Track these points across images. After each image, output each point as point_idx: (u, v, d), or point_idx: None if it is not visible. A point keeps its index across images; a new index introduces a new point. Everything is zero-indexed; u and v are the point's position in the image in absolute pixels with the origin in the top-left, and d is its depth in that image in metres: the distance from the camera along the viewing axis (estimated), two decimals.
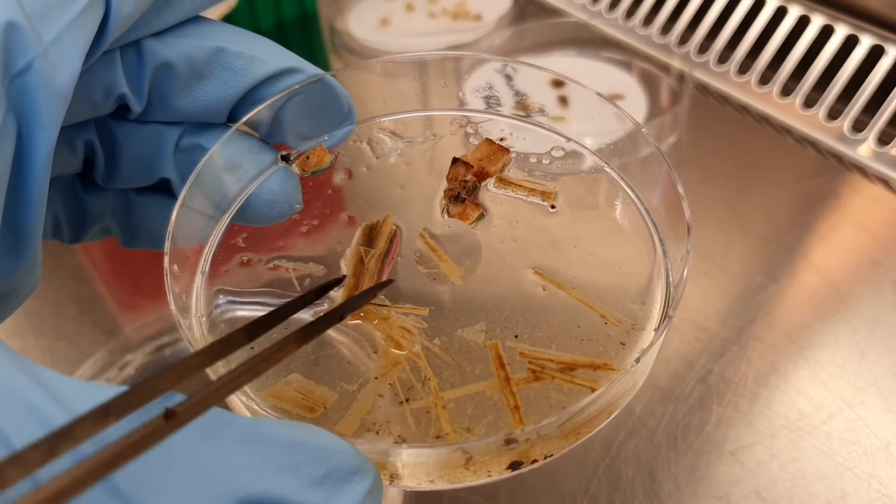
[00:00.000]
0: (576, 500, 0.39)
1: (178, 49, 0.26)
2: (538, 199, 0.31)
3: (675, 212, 0.27)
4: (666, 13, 0.72)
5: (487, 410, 0.24)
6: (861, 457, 0.39)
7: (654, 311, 0.27)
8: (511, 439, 0.21)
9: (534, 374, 0.25)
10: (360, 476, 0.19)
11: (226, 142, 0.28)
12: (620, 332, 0.26)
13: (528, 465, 0.23)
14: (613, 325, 0.27)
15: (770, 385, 0.43)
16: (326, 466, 0.18)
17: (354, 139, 0.32)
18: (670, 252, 0.28)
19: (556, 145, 0.33)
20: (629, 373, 0.23)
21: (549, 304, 0.28)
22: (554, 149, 0.33)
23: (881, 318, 0.46)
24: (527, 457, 0.23)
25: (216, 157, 0.27)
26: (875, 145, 0.58)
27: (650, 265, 0.29)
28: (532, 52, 0.71)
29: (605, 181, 0.32)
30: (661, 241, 0.29)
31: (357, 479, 0.18)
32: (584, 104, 0.32)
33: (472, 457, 0.21)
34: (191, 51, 0.26)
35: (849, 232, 0.53)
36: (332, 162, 0.31)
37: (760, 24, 0.66)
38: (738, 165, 0.59)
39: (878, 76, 0.59)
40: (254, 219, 0.30)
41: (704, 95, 0.67)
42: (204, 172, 0.27)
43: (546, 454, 0.23)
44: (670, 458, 0.40)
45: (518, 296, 0.28)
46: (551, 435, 0.22)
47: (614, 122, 0.31)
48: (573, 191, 0.31)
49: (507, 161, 0.31)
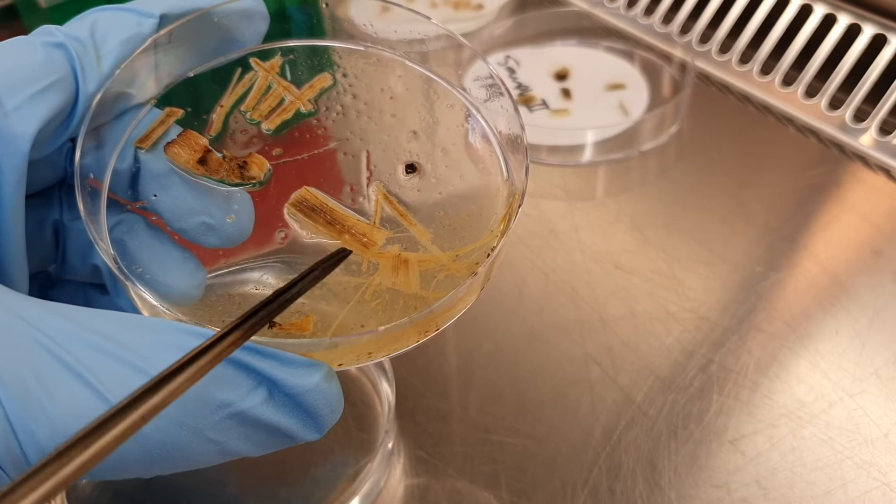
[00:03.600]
0: (576, 489, 0.39)
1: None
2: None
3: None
4: (668, 2, 0.71)
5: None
6: (861, 445, 0.40)
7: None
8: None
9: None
10: (316, 367, 0.24)
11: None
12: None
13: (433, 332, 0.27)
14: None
15: (770, 374, 0.43)
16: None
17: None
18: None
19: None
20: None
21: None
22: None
23: (882, 308, 0.46)
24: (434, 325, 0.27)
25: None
26: (877, 135, 0.58)
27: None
28: (533, 41, 0.71)
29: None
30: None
31: (314, 368, 0.24)
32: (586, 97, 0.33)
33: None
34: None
35: (850, 222, 0.53)
36: (267, 176, 0.30)
37: (762, 13, 0.66)
38: (740, 155, 0.59)
39: (881, 66, 0.59)
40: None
41: (706, 85, 0.67)
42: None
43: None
44: (670, 447, 0.40)
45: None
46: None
47: (617, 115, 0.31)
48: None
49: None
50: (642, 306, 0.48)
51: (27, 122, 0.25)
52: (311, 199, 0.30)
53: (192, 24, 0.28)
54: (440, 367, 0.45)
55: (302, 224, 0.29)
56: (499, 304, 0.49)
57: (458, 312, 0.28)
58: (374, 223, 0.30)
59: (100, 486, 0.39)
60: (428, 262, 0.29)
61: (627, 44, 0.70)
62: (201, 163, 0.28)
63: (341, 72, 0.33)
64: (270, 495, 0.39)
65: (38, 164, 0.27)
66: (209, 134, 0.30)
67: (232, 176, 0.29)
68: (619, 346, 0.45)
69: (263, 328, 0.23)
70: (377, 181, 0.31)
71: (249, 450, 0.24)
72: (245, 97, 0.31)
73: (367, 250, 0.29)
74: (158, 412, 0.19)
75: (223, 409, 0.22)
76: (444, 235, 0.30)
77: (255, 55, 0.31)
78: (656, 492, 0.38)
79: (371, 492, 0.39)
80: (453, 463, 0.40)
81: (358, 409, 0.42)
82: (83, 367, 0.21)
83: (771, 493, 0.38)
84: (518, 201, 0.29)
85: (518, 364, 0.45)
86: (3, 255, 0.25)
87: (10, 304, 0.22)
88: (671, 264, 0.50)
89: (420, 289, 0.28)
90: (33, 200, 0.28)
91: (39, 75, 0.25)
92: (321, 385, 0.24)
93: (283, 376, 0.23)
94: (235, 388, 0.22)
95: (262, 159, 0.30)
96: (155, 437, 0.22)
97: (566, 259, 0.51)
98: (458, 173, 0.32)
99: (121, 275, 0.25)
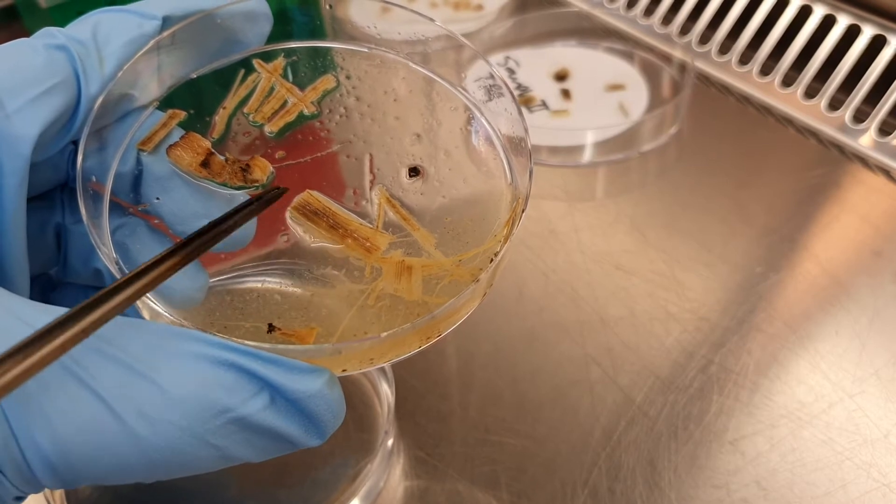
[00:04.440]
0: (576, 489, 0.39)
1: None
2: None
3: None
4: (668, 3, 0.71)
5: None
6: (861, 446, 0.40)
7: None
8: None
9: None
10: (318, 373, 0.24)
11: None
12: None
13: (434, 337, 0.27)
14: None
15: (770, 375, 0.43)
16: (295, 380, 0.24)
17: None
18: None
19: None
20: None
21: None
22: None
23: (882, 309, 0.46)
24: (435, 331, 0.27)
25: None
26: (876, 135, 0.58)
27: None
28: (533, 42, 0.71)
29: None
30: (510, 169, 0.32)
31: (317, 374, 0.24)
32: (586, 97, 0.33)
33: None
34: None
35: (850, 222, 0.53)
36: (270, 177, 0.30)
37: (762, 14, 0.66)
38: (740, 156, 0.59)
39: (880, 66, 0.59)
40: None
41: (706, 86, 0.67)
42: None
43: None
44: (670, 447, 0.40)
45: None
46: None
47: (616, 116, 0.31)
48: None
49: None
50: (642, 307, 0.48)
51: (29, 125, 0.25)
52: (314, 202, 0.30)
53: (195, 26, 0.28)
54: (440, 368, 0.45)
55: (304, 228, 0.29)
56: (499, 305, 0.49)
57: (461, 318, 0.27)
58: (377, 227, 0.30)
59: (100, 488, 0.39)
60: (431, 268, 0.29)
61: (627, 44, 0.70)
62: (204, 165, 0.28)
63: (344, 74, 0.33)
64: (270, 497, 0.39)
65: (40, 167, 0.27)
66: (212, 136, 0.30)
67: (235, 179, 0.29)
68: (619, 347, 0.45)
69: (262, 332, 0.23)
70: (380, 185, 0.31)
71: (251, 455, 0.24)
72: (248, 99, 0.31)
73: (371, 255, 0.29)
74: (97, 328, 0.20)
75: (224, 414, 0.22)
76: (447, 240, 0.30)
77: (258, 57, 0.31)
78: (656, 492, 0.39)
79: (371, 493, 0.39)
80: (453, 464, 0.40)
81: (358, 411, 0.42)
82: (84, 371, 0.21)
83: (771, 494, 0.38)
84: (521, 206, 0.29)
85: (518, 365, 0.45)
86: (4, 257, 0.25)
87: (10, 307, 0.22)
88: (671, 265, 0.50)
89: (422, 295, 0.28)
90: (35, 203, 0.28)
91: (41, 77, 0.25)
92: (323, 391, 0.24)
93: (285, 382, 0.23)
94: (237, 393, 0.22)
95: (264, 162, 0.30)
96: (155, 442, 0.22)
97: (566, 260, 0.51)
98: (461, 177, 0.32)
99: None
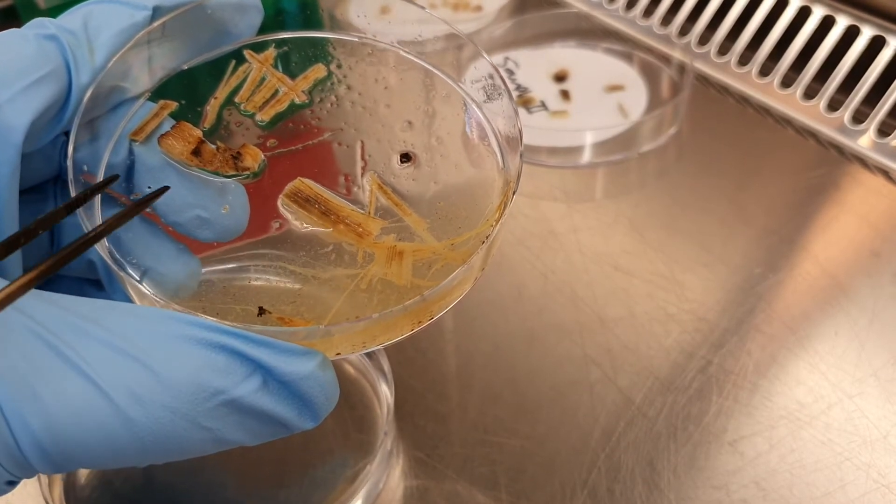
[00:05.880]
0: (575, 490, 0.39)
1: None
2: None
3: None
4: (667, 4, 0.71)
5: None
6: (860, 447, 0.40)
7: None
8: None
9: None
10: (311, 355, 0.24)
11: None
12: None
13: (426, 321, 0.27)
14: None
15: (769, 376, 0.43)
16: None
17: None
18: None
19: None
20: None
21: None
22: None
23: (881, 309, 0.46)
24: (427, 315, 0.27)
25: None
26: (875, 136, 0.58)
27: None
28: (532, 42, 0.71)
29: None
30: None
31: (309, 356, 0.24)
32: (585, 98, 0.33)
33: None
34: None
35: (849, 223, 0.53)
36: (261, 167, 0.31)
37: (761, 14, 0.66)
38: (739, 156, 0.59)
39: (879, 67, 0.59)
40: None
41: (705, 86, 0.67)
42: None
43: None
44: (670, 448, 0.40)
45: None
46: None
47: (616, 117, 0.31)
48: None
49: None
50: (641, 307, 0.48)
51: (20, 114, 0.25)
52: (306, 189, 0.30)
53: (186, 17, 0.29)
54: (439, 369, 0.45)
55: (297, 215, 0.30)
56: (498, 306, 0.49)
57: (453, 301, 0.28)
58: (370, 213, 0.30)
59: (99, 487, 0.39)
60: (423, 252, 0.29)
61: (626, 45, 0.70)
62: (195, 154, 0.29)
63: (335, 63, 0.33)
64: (270, 497, 0.39)
65: (33, 159, 0.27)
66: (203, 126, 0.30)
67: (226, 167, 0.29)
68: (619, 348, 0.45)
69: (254, 315, 0.23)
70: (372, 171, 0.31)
71: (244, 438, 0.24)
72: (239, 89, 0.31)
73: (363, 240, 0.29)
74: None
75: (217, 396, 0.22)
76: (439, 224, 0.30)
77: (248, 47, 0.31)
78: (655, 493, 0.38)
79: (370, 493, 0.39)
80: (452, 464, 0.40)
81: (357, 411, 0.42)
82: (77, 356, 0.21)
83: (770, 495, 0.38)
84: (513, 188, 0.29)
85: (517, 365, 0.45)
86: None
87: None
88: (670, 266, 0.50)
89: (414, 279, 0.28)
90: (28, 195, 0.29)
91: (32, 67, 0.25)
92: (316, 372, 0.24)
93: (278, 364, 0.23)
94: (229, 375, 0.22)
95: (256, 150, 0.30)
96: (147, 425, 0.21)
97: (565, 260, 0.51)
98: (453, 163, 0.32)
99: (116, 268, 0.25)
